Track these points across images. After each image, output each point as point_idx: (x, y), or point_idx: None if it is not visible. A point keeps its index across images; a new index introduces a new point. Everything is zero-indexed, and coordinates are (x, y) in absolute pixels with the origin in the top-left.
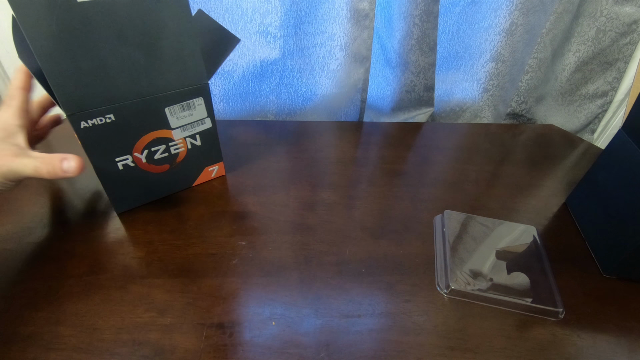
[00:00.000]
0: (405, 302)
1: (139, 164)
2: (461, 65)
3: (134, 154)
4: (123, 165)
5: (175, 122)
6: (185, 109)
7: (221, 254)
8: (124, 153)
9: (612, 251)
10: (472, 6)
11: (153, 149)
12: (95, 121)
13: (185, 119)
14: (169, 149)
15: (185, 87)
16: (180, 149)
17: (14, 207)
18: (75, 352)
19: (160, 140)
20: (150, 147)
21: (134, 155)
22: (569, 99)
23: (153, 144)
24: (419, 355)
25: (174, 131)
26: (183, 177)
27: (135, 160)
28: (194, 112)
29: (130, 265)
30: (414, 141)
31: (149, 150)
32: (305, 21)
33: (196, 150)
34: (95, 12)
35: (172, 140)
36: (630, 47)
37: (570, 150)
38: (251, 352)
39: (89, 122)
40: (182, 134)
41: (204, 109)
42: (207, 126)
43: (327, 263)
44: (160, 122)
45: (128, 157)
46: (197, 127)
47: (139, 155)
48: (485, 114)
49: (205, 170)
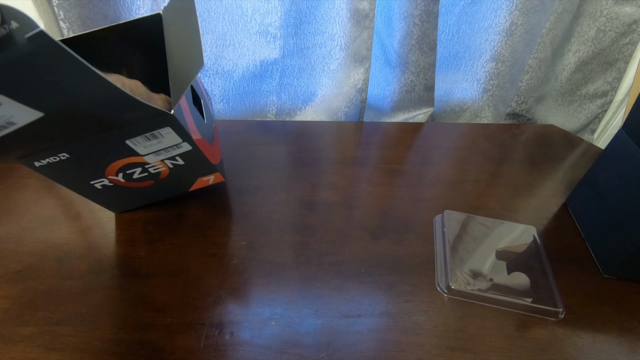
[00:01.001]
0: (405, 302)
1: (118, 184)
2: (461, 65)
3: (108, 177)
4: (101, 186)
5: (144, 149)
6: (150, 139)
7: (221, 254)
8: (97, 177)
9: (612, 251)
10: (472, 6)
11: (128, 172)
12: (49, 160)
13: (154, 147)
14: (147, 170)
15: (144, 118)
16: (160, 168)
17: (14, 207)
18: (75, 352)
19: (133, 164)
20: (124, 170)
21: (108, 178)
22: (569, 99)
23: (127, 168)
24: (419, 355)
25: (146, 156)
26: (175, 186)
27: (112, 181)
28: (164, 140)
29: (130, 265)
30: (414, 141)
31: (124, 173)
32: (305, 21)
33: (180, 167)
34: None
35: (147, 163)
36: (630, 47)
37: (570, 150)
38: (251, 352)
39: (43, 161)
40: (157, 158)
41: (176, 135)
42: (186, 149)
43: (327, 263)
44: (126, 152)
45: (103, 179)
46: (172, 151)
47: (115, 177)
48: (485, 114)
49: (199, 180)
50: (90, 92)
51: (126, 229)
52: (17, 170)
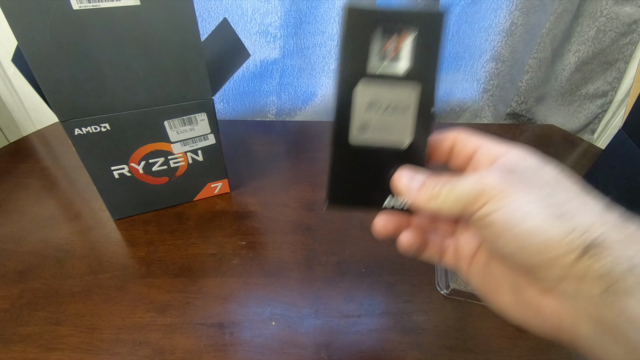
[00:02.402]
0: (405, 302)
1: (135, 174)
2: (461, 65)
3: (131, 164)
4: (119, 174)
5: (175, 135)
6: (186, 124)
7: (221, 254)
8: (120, 162)
9: None
10: (472, 6)
11: (151, 161)
12: (89, 129)
13: (186, 134)
14: (168, 162)
15: (187, 101)
16: (180, 162)
17: (14, 207)
18: (75, 352)
19: (158, 152)
20: (147, 159)
21: (130, 165)
22: (569, 99)
23: (151, 156)
24: (419, 355)
25: (174, 145)
26: (183, 191)
27: (131, 170)
28: (196, 127)
29: (130, 265)
30: None
31: (147, 162)
32: (305, 21)
33: (198, 165)
34: (92, 20)
35: (172, 153)
36: (630, 47)
37: (570, 150)
38: (251, 352)
39: (83, 129)
40: (183, 149)
41: (207, 124)
42: (211, 142)
43: (327, 263)
44: (159, 135)
45: (124, 166)
46: (199, 142)
47: (136, 166)
48: (485, 114)
49: (207, 186)
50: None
51: (126, 229)
52: (17, 170)
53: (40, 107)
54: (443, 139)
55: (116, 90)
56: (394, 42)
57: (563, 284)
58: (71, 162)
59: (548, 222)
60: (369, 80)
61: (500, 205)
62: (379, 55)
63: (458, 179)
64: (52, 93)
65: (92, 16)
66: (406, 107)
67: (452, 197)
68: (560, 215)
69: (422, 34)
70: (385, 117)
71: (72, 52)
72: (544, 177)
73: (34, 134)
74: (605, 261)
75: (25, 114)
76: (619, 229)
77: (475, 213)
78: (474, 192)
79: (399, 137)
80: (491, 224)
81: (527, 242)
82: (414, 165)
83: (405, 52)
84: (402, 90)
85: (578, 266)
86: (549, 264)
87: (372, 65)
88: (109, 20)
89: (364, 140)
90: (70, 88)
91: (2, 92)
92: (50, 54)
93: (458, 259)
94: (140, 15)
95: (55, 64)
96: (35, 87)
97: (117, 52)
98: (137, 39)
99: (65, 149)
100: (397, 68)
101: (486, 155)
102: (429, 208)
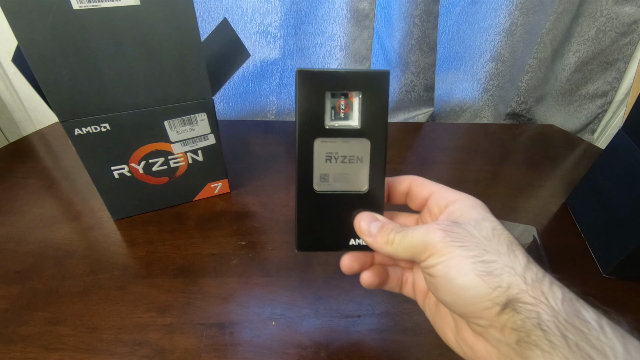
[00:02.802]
0: (405, 302)
1: (135, 174)
2: (461, 65)
3: (131, 164)
4: (119, 174)
5: (175, 136)
6: (186, 124)
7: (221, 254)
8: (120, 162)
9: (612, 251)
10: (472, 6)
11: (151, 161)
12: (89, 129)
13: (186, 134)
14: (168, 162)
15: (187, 101)
16: (180, 163)
17: (14, 207)
18: (75, 352)
19: (158, 152)
20: (147, 159)
21: (130, 165)
22: (569, 99)
23: (151, 156)
24: (419, 355)
25: (174, 145)
26: (183, 191)
27: (131, 170)
28: (196, 127)
29: (130, 265)
30: (414, 141)
31: (147, 162)
32: (305, 21)
33: (198, 165)
34: (92, 20)
35: (172, 153)
36: (630, 47)
37: (570, 150)
38: (251, 352)
39: (83, 129)
40: (183, 149)
41: (207, 124)
42: (211, 142)
43: (327, 263)
44: (159, 135)
45: (124, 166)
46: (199, 142)
47: (136, 166)
48: (485, 114)
49: (207, 186)
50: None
51: (126, 229)
52: (17, 170)
53: (40, 107)
54: (399, 183)
55: (116, 90)
56: (344, 101)
57: (490, 331)
58: (71, 162)
59: (477, 280)
60: (325, 135)
61: (441, 260)
62: (332, 112)
63: (410, 229)
64: (52, 93)
65: (92, 16)
66: (361, 157)
67: (403, 245)
68: (489, 272)
69: (369, 92)
70: (344, 167)
71: (72, 52)
72: (481, 232)
73: (34, 134)
74: (519, 317)
75: (25, 114)
76: (533, 287)
77: (422, 262)
78: (421, 244)
79: (357, 184)
80: (434, 275)
81: (461, 294)
82: (374, 207)
83: (355, 109)
84: (355, 143)
85: (500, 318)
86: (478, 314)
87: (327, 122)
88: (109, 20)
89: (326, 187)
90: (70, 88)
91: (2, 92)
92: (50, 54)
93: (415, 292)
94: (140, 15)
95: (55, 64)
96: (35, 87)
97: (117, 52)
98: (137, 39)
99: (65, 149)
100: (349, 123)
101: (439, 199)
102: (385, 252)
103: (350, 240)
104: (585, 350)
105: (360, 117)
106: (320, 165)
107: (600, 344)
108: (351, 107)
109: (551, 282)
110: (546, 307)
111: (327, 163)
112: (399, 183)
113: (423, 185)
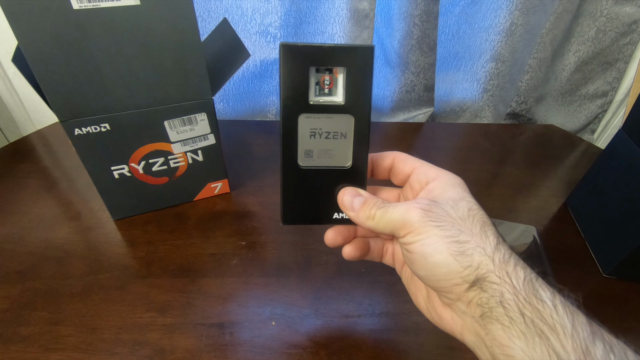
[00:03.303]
0: (405, 302)
1: (135, 174)
2: (461, 65)
3: (131, 164)
4: (119, 174)
5: (175, 136)
6: (186, 124)
7: (221, 254)
8: (120, 162)
9: (612, 251)
10: (472, 6)
11: (151, 161)
12: (89, 129)
13: (186, 134)
14: (168, 162)
15: (187, 101)
16: (180, 163)
17: (14, 207)
18: (75, 352)
19: (158, 152)
20: (147, 159)
21: (130, 165)
22: (569, 99)
23: (151, 156)
24: (419, 355)
25: (174, 145)
26: (183, 191)
27: (131, 170)
28: (196, 127)
29: (130, 265)
30: (414, 141)
31: (147, 162)
32: (305, 21)
33: (198, 165)
34: (92, 20)
35: (172, 153)
36: (630, 47)
37: (570, 150)
38: (251, 352)
39: (83, 129)
40: (183, 149)
41: (207, 124)
42: (211, 142)
43: (327, 263)
44: (159, 135)
45: (124, 166)
46: (199, 142)
47: (136, 166)
48: (485, 114)
49: (207, 186)
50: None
51: (126, 229)
52: (17, 170)
53: (40, 107)
54: (383, 159)
55: (116, 90)
56: (329, 76)
57: (457, 304)
58: (71, 162)
59: (450, 259)
60: (309, 111)
61: (418, 238)
62: (317, 88)
63: (390, 206)
64: (52, 93)
65: (92, 16)
66: (345, 133)
67: (384, 220)
68: (461, 252)
69: (353, 67)
70: (328, 143)
71: (72, 52)
72: (458, 212)
73: (34, 134)
74: (485, 295)
75: (25, 114)
76: (500, 268)
77: (401, 238)
78: (401, 221)
79: (341, 159)
80: (411, 251)
81: (435, 270)
82: (357, 182)
83: (340, 85)
84: (339, 119)
85: (468, 294)
86: (449, 289)
87: (311, 97)
88: (109, 20)
89: (311, 162)
90: (70, 88)
91: (2, 92)
92: (50, 54)
93: (394, 261)
94: (140, 15)
95: (55, 64)
96: (35, 87)
97: (117, 52)
98: (137, 39)
99: (65, 149)
100: (334, 99)
101: (420, 176)
102: (367, 226)
103: (334, 214)
104: (539, 326)
105: (344, 93)
106: (305, 141)
107: (552, 321)
108: (335, 83)
109: (516, 263)
110: (509, 287)
111: (312, 139)
112: (383, 159)
113: (405, 161)
